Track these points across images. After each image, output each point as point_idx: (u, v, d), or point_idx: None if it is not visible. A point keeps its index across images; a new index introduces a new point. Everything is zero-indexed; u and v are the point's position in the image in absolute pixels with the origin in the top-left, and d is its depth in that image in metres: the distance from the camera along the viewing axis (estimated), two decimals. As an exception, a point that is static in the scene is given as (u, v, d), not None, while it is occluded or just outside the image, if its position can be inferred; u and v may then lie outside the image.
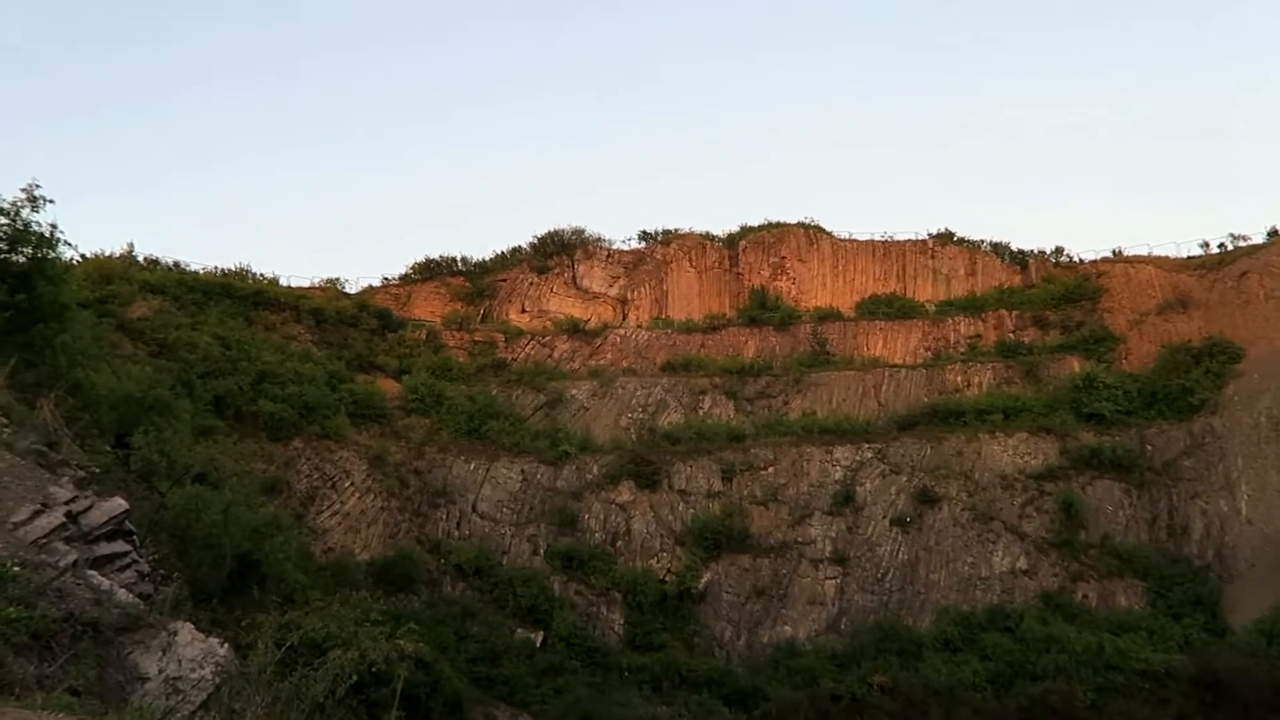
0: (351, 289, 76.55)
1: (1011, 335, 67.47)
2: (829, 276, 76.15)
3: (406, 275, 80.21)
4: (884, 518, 54.20)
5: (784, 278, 75.70)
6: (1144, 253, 71.09)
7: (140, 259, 66.68)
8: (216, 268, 69.59)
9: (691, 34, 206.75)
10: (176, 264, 68.01)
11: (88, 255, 60.67)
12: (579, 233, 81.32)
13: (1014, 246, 77.35)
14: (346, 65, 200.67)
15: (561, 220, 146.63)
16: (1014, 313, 69.05)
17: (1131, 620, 46.71)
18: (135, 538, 13.22)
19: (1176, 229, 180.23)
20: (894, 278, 75.59)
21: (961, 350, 67.53)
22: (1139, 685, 41.26)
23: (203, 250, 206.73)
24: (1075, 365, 62.04)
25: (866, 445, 57.71)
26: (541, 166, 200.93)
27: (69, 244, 23.56)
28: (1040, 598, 49.42)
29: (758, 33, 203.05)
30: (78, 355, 24.74)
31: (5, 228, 21.75)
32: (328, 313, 65.87)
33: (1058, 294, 69.50)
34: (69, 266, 26.03)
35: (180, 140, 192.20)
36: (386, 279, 79.90)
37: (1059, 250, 75.88)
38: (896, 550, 52.96)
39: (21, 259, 22.06)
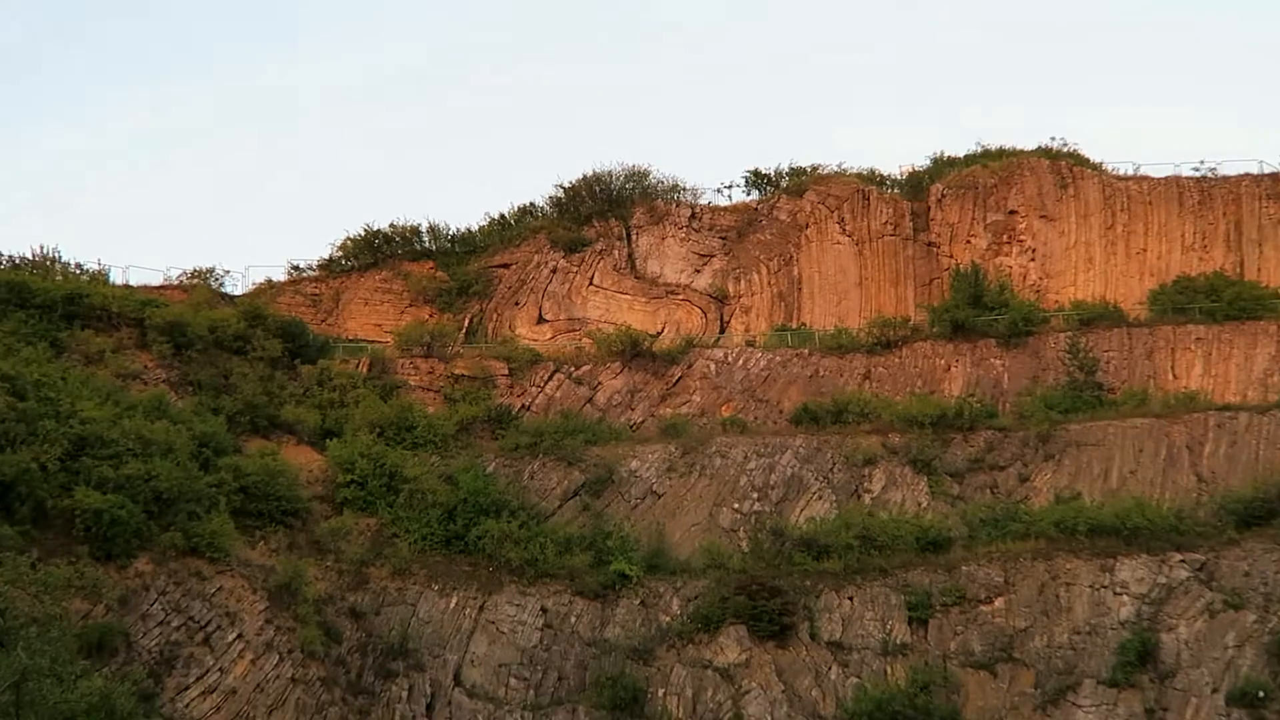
0: (236, 288, 78.53)
1: None
2: (1098, 245, 75.75)
3: (333, 261, 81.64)
4: (1214, 690, 53.24)
5: (1015, 249, 75.51)
6: None
7: None
8: (2, 256, 71.80)
9: None
10: (-70, 251, 70.25)
11: None
12: (639, 177, 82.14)
13: None
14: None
15: (608, 157, 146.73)
16: None
17: None
18: None
19: None
20: (1220, 244, 75.04)
21: (1354, 375, 66.45)
22: None
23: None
24: None
25: (1179, 556, 56.97)
26: (574, 60, 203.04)
27: None
28: None
29: None
30: None
31: None
32: (195, 330, 66.84)
33: None
34: None
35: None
36: (296, 267, 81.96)
37: None
38: (1241, 751, 51.96)
39: None
